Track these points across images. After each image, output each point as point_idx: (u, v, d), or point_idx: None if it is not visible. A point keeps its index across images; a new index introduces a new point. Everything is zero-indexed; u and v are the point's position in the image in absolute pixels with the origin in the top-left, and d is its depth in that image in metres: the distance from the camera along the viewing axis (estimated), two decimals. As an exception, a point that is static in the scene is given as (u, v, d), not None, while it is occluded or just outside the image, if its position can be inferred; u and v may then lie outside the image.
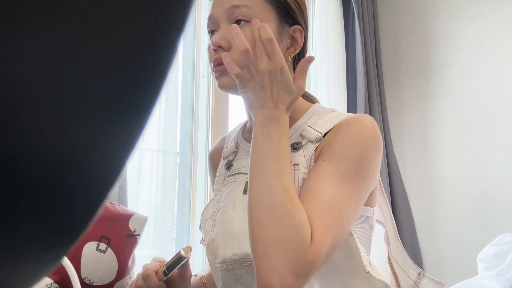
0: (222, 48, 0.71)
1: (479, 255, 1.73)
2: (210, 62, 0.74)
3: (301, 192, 0.66)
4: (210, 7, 0.76)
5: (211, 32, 0.76)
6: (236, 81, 0.68)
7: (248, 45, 0.66)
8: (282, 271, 0.57)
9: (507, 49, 2.27)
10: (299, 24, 0.76)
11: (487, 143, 2.27)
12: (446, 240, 2.32)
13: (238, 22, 0.71)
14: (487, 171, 2.25)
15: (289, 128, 0.77)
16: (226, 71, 0.71)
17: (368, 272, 0.66)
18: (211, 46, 0.73)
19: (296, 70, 0.71)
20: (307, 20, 0.79)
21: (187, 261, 0.79)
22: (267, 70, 0.66)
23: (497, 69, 2.28)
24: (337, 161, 0.67)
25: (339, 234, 0.63)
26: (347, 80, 2.36)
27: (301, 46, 0.77)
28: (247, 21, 0.70)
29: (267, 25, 0.67)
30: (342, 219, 0.63)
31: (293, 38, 0.76)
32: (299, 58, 0.79)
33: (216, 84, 0.74)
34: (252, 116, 0.69)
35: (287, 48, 0.76)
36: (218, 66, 0.72)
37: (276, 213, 0.60)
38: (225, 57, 0.68)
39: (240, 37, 0.66)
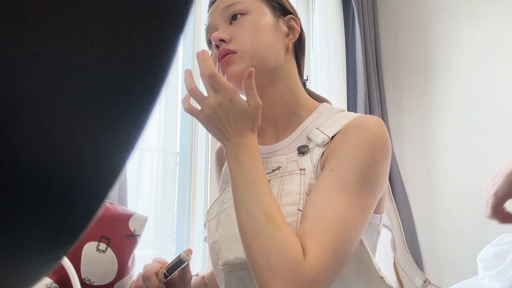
0: (224, 41, 0.73)
1: (479, 255, 1.73)
2: (215, 61, 0.74)
3: (306, 206, 0.65)
4: (207, 17, 0.79)
5: (211, 42, 0.76)
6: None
7: (194, 86, 0.66)
8: None
9: (507, 49, 2.27)
10: (291, 13, 0.80)
11: (487, 143, 2.27)
12: (446, 240, 2.32)
13: (234, 17, 0.74)
14: (487, 171, 2.25)
15: (296, 128, 0.76)
16: (232, 59, 0.72)
17: (381, 278, 0.65)
18: (213, 42, 0.74)
19: (244, 89, 0.68)
20: (294, 10, 0.83)
21: (188, 263, 0.79)
22: (216, 105, 0.65)
23: (497, 69, 2.28)
24: (344, 171, 0.64)
25: (345, 248, 0.61)
26: (347, 80, 2.36)
27: (299, 32, 0.80)
28: (243, 14, 0.74)
29: (209, 58, 0.66)
30: (347, 232, 0.61)
31: (289, 27, 0.79)
32: (300, 43, 0.82)
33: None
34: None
35: (287, 35, 0.78)
36: (223, 58, 0.72)
37: (261, 238, 0.60)
38: (184, 99, 0.69)
39: (189, 79, 0.67)
